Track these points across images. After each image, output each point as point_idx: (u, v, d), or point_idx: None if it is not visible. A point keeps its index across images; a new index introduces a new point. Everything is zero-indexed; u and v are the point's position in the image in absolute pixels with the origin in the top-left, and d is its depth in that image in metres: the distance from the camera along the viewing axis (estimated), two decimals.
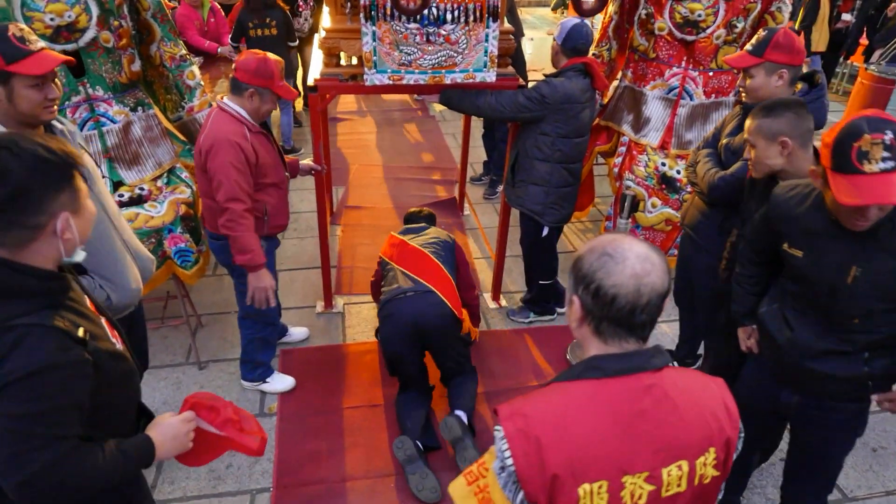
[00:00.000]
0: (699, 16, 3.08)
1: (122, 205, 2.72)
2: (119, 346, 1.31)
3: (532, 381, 3.03)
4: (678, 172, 3.29)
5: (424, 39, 2.58)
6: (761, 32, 2.17)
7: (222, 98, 2.46)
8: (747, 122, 1.92)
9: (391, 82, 2.67)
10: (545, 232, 3.05)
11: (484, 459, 1.27)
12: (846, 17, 6.72)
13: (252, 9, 5.02)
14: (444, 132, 6.22)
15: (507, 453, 0.98)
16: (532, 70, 5.12)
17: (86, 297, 1.30)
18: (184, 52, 2.99)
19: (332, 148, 5.81)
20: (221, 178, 2.26)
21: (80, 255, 1.20)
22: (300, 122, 6.21)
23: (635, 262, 0.98)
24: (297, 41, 5.32)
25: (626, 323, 1.00)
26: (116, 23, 2.66)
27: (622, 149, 3.44)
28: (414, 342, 2.56)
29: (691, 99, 3.26)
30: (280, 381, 2.88)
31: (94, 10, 2.53)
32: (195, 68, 3.05)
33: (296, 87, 6.23)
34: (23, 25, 1.55)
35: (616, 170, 3.42)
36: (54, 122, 1.79)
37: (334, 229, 4.31)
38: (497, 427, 1.02)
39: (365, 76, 2.64)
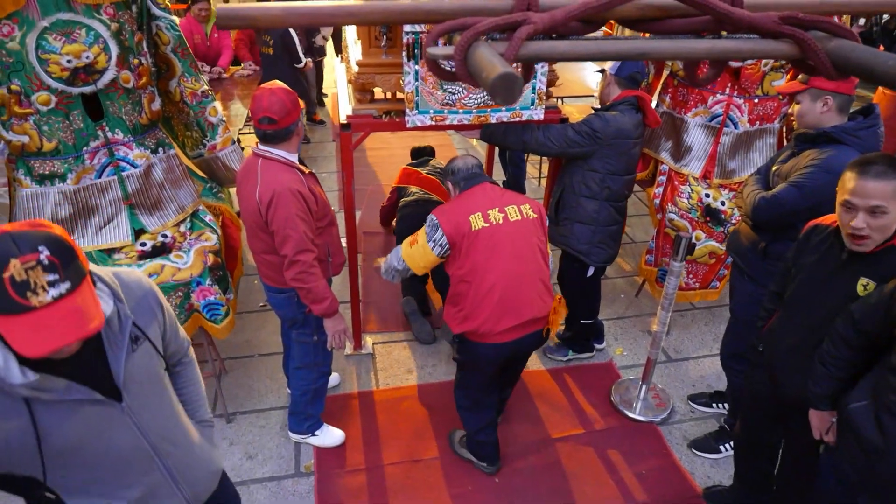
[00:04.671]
0: None
1: (144, 255, 2.54)
2: None
3: (579, 429, 2.89)
4: (723, 204, 3.15)
5: None
6: None
7: (257, 145, 2.30)
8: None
9: (433, 122, 2.51)
10: (590, 272, 2.90)
11: (416, 236, 2.36)
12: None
13: None
14: (456, 147, 6.06)
15: (439, 226, 2.26)
16: None
17: None
18: (205, 87, 2.80)
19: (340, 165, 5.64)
20: (288, 231, 2.13)
21: None
22: (308, 138, 6.02)
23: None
24: (302, 62, 5.10)
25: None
26: (136, 61, 2.47)
27: (662, 178, 3.30)
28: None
29: (736, 127, 3.12)
30: (330, 436, 2.74)
31: (114, 50, 2.34)
32: (217, 104, 2.86)
33: (310, 109, 6.05)
34: (33, 263, 1.00)
35: (657, 201, 3.27)
36: None
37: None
38: (431, 216, 2.30)
39: (406, 117, 2.48)
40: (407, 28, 2.28)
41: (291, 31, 4.91)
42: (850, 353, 1.77)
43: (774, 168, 2.36)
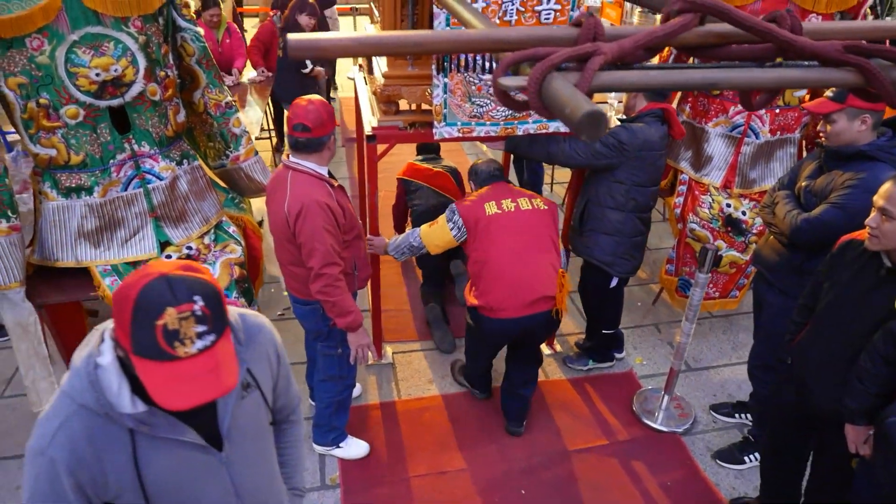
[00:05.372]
0: None
1: None
2: None
3: (602, 440, 2.89)
4: (744, 214, 3.16)
5: None
6: None
7: (287, 157, 2.30)
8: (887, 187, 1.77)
9: (461, 135, 2.50)
10: (614, 283, 2.90)
11: (437, 220, 2.64)
12: None
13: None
14: (466, 153, 6.05)
15: (458, 212, 2.55)
16: None
17: None
18: (229, 98, 2.79)
19: (352, 172, 5.63)
20: (315, 244, 2.14)
21: None
22: None
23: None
24: (308, 67, 5.06)
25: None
26: (163, 73, 2.46)
27: (682, 188, 3.30)
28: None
29: (757, 137, 3.12)
30: (355, 447, 2.74)
31: (142, 63, 2.33)
32: (241, 115, 2.85)
33: None
34: (187, 313, 0.96)
35: (678, 211, 3.27)
36: None
37: None
38: (451, 205, 2.61)
39: (434, 129, 2.47)
40: None
41: None
42: (889, 370, 1.78)
43: (804, 184, 2.36)
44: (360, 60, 3.48)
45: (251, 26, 10.27)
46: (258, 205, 3.30)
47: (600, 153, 2.58)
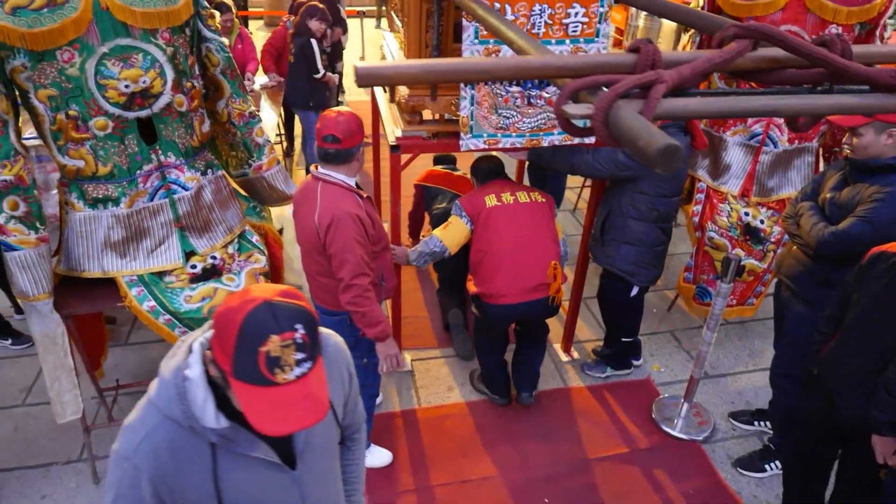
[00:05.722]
0: None
1: (196, 278, 2.54)
2: None
3: (623, 448, 2.90)
4: (762, 222, 3.17)
5: (525, 102, 2.43)
6: None
7: (317, 168, 2.30)
8: None
9: (486, 146, 2.51)
10: (634, 291, 2.92)
11: (449, 220, 2.81)
12: None
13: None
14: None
15: (462, 206, 2.74)
16: None
17: None
18: (252, 108, 2.80)
19: (360, 175, 5.64)
20: (347, 255, 2.15)
21: None
22: None
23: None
24: (320, 72, 5.01)
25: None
26: (189, 84, 2.46)
27: (700, 196, 3.31)
28: None
29: (775, 146, 3.14)
30: (378, 455, 2.75)
31: (169, 74, 2.34)
32: (264, 124, 2.86)
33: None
34: (289, 341, 0.98)
35: (696, 219, 3.29)
36: None
37: None
38: (456, 202, 2.81)
39: (461, 141, 2.48)
40: (465, 54, 2.28)
41: (313, 41, 4.91)
42: None
43: (828, 196, 2.37)
44: None
45: (255, 28, 10.26)
46: (276, 213, 3.32)
47: (624, 164, 2.60)
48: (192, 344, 1.11)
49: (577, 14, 2.29)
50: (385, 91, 3.37)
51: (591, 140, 2.60)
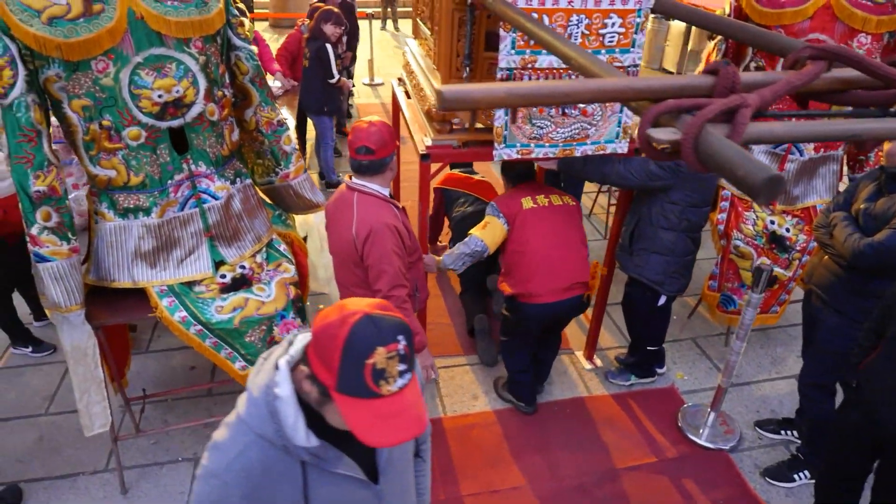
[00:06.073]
0: None
1: (226, 288, 2.52)
2: None
3: (651, 458, 2.89)
4: (787, 230, 3.17)
5: (560, 112, 2.42)
6: None
7: (350, 178, 2.29)
8: None
9: (519, 156, 2.50)
10: (662, 301, 2.91)
11: (485, 220, 2.82)
12: None
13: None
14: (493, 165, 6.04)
15: (498, 208, 2.78)
16: None
17: None
18: (281, 116, 2.78)
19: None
20: (384, 266, 2.14)
21: None
22: (340, 151, 6.00)
23: None
24: (335, 77, 4.96)
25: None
26: (220, 93, 2.45)
27: (724, 203, 3.30)
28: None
29: (801, 154, 3.13)
30: None
31: (202, 84, 2.32)
32: (291, 132, 2.84)
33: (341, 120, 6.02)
34: (394, 353, 0.98)
35: (721, 227, 3.28)
36: None
37: None
38: (491, 203, 2.86)
39: (494, 150, 2.47)
40: (502, 64, 2.27)
41: (328, 46, 4.89)
42: None
43: (863, 206, 2.37)
44: (405, 76, 3.46)
45: (260, 30, 10.22)
46: (299, 220, 3.30)
47: (656, 175, 2.59)
48: (278, 362, 1.10)
49: (613, 24, 2.27)
50: (408, 97, 3.36)
51: (624, 150, 2.60)
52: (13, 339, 3.34)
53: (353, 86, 6.67)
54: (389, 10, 11.82)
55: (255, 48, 2.65)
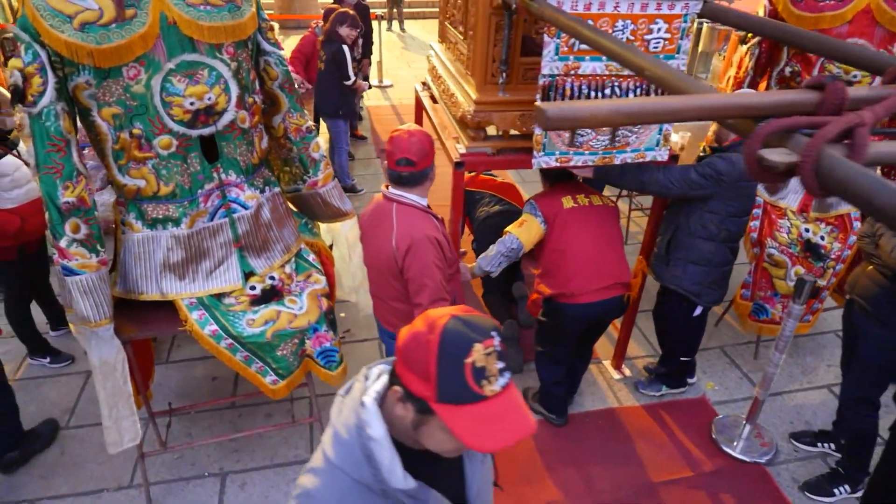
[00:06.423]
0: (854, 77, 2.89)
1: (256, 300, 2.45)
2: None
3: (687, 471, 2.83)
4: (822, 238, 3.11)
5: None
6: None
7: (388, 188, 2.22)
8: None
9: (558, 164, 2.44)
10: (698, 311, 2.85)
11: (522, 218, 2.75)
12: None
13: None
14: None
15: (538, 206, 2.70)
16: None
17: None
18: (310, 123, 2.71)
19: None
20: (426, 279, 2.07)
21: None
22: (352, 154, 5.93)
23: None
24: (351, 79, 4.91)
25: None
26: (251, 100, 2.38)
27: (757, 211, 3.24)
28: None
29: None
30: None
31: (234, 90, 2.25)
32: (320, 139, 2.77)
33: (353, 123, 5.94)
34: (491, 349, 0.93)
35: (754, 235, 3.22)
36: None
37: None
38: (530, 201, 2.78)
39: (533, 159, 2.40)
40: (545, 70, 2.21)
41: (345, 48, 4.82)
42: None
43: None
44: (430, 81, 3.39)
45: None
46: (323, 227, 3.22)
47: (696, 183, 2.53)
48: (363, 400, 1.03)
49: (659, 30, 2.21)
50: (434, 101, 3.30)
51: (664, 158, 2.54)
52: (31, 349, 3.27)
53: (370, 87, 6.60)
54: (395, 10, 11.75)
55: (284, 53, 2.58)
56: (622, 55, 1.44)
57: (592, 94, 2.27)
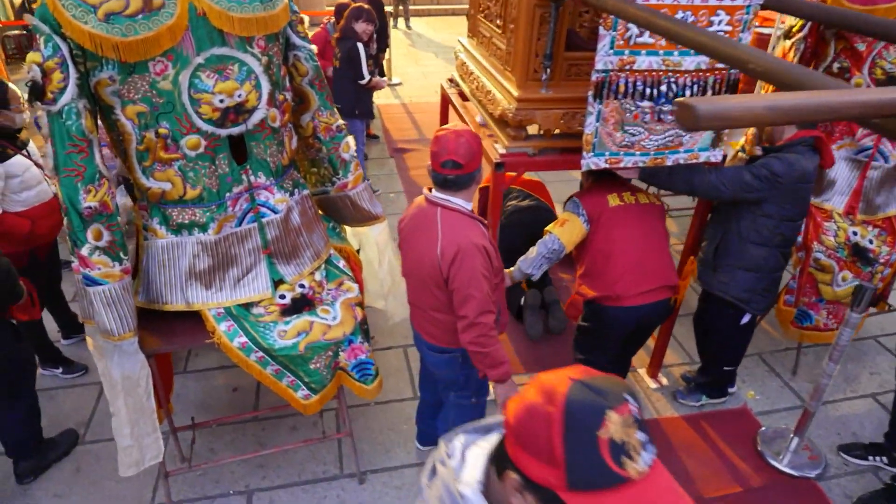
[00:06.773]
0: None
1: (287, 310, 2.31)
2: None
3: (735, 487, 2.70)
4: (870, 242, 2.98)
5: (655, 118, 2.22)
6: None
7: (430, 191, 2.08)
8: None
9: (607, 165, 2.30)
10: (746, 319, 2.71)
11: (563, 217, 2.58)
12: None
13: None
14: None
15: (581, 205, 2.53)
16: None
17: None
18: (340, 122, 2.57)
19: (406, 184, 5.42)
20: (472, 290, 1.93)
21: None
22: (367, 154, 5.79)
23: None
24: (366, 78, 4.73)
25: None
26: (281, 97, 2.24)
27: None
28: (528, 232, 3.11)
29: (886, 161, 2.94)
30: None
31: (265, 87, 2.11)
32: (350, 139, 2.63)
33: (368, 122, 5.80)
34: (628, 417, 0.75)
35: (799, 238, 3.09)
36: None
37: None
38: (573, 198, 2.62)
39: (582, 160, 2.27)
40: (598, 66, 2.07)
41: (359, 45, 4.67)
42: None
43: None
44: (458, 78, 3.25)
45: None
46: (349, 231, 3.08)
47: (750, 185, 2.39)
48: (461, 491, 0.85)
49: (720, 22, 2.08)
50: (463, 99, 3.16)
51: (718, 159, 2.40)
52: (42, 359, 3.12)
53: (389, 83, 6.45)
54: (401, 8, 11.59)
55: (314, 47, 2.43)
56: (716, 47, 1.30)
57: (647, 90, 2.14)
